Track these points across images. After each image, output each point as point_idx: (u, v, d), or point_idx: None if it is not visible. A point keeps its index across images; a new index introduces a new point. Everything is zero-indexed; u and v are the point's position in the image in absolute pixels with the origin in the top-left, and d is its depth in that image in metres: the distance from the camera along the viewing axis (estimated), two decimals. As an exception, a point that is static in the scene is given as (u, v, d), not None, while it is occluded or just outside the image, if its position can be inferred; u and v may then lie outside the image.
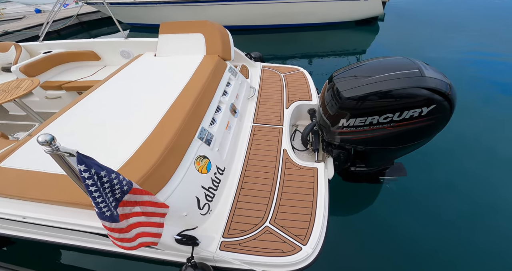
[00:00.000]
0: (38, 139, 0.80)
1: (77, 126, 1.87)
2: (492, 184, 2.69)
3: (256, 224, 1.64)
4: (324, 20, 7.90)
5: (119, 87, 2.38)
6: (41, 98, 3.49)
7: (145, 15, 8.55)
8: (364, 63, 1.72)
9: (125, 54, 3.74)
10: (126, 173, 1.33)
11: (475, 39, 6.48)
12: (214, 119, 2.14)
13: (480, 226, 2.33)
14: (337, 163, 2.07)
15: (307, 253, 1.49)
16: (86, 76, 3.56)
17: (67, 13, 9.07)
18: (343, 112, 1.63)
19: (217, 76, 2.54)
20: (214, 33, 2.89)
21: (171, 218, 1.49)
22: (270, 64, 3.53)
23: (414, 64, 1.54)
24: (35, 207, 1.51)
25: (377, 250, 2.20)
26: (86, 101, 2.16)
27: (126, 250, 1.20)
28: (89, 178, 0.94)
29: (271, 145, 2.21)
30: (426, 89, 1.44)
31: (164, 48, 3.02)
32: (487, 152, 3.07)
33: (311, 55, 6.38)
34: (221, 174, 1.89)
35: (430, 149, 2.61)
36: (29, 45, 3.91)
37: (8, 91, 2.57)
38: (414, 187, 2.67)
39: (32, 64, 3.39)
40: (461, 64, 5.26)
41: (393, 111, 1.52)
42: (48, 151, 0.83)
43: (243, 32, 7.85)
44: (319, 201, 1.75)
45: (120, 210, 1.14)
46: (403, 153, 1.93)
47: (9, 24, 9.96)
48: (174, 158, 1.63)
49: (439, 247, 2.20)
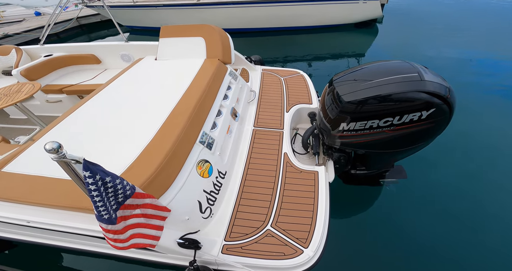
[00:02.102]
0: (46, 147, 0.81)
1: (79, 131, 1.87)
2: (492, 185, 2.71)
3: (257, 228, 1.65)
4: (323, 22, 7.94)
5: (121, 91, 2.39)
6: (42, 102, 3.50)
7: (144, 18, 8.59)
8: (363, 67, 1.73)
9: (126, 58, 3.75)
10: (128, 178, 1.34)
11: (473, 40, 6.53)
12: (215, 123, 2.14)
13: (481, 227, 2.34)
14: (338, 166, 2.08)
15: (309, 256, 1.49)
16: (86, 80, 3.56)
17: (67, 16, 9.09)
18: (344, 116, 1.64)
19: (218, 80, 2.55)
20: (214, 36, 2.90)
21: (173, 222, 1.50)
22: (270, 68, 3.54)
23: (413, 67, 1.56)
24: (39, 211, 1.51)
25: (378, 253, 2.21)
26: (88, 105, 2.17)
27: (118, 249, 1.21)
28: (93, 184, 0.95)
29: (272, 148, 2.22)
30: (426, 92, 1.46)
31: (165, 51, 3.03)
32: (487, 153, 3.09)
33: (311, 58, 6.41)
34: (222, 178, 1.90)
35: (430, 151, 2.62)
36: (30, 48, 3.92)
37: (10, 95, 2.57)
38: (415, 189, 2.68)
39: (33, 67, 3.40)
40: (460, 65, 5.30)
41: (393, 115, 1.54)
42: (55, 159, 0.84)
43: (242, 35, 7.88)
44: (320, 204, 1.75)
45: (120, 212, 1.15)
46: (403, 156, 1.94)
47: (8, 27, 10.00)
48: (176, 163, 1.64)
49: (440, 249, 2.20)
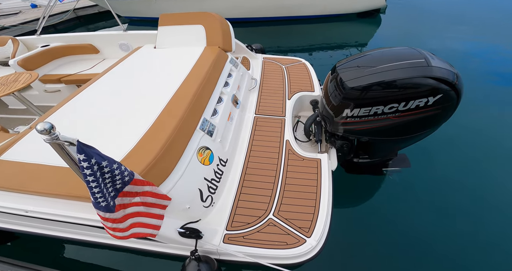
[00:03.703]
0: (37, 128, 0.77)
1: (77, 119, 1.84)
2: (497, 179, 2.65)
3: (259, 217, 1.63)
4: (326, 12, 7.77)
5: (119, 79, 2.34)
6: (40, 92, 3.45)
7: (143, 8, 8.42)
8: (367, 54, 1.69)
9: (124, 47, 3.69)
10: (128, 165, 1.31)
11: (479, 30, 6.38)
12: (216, 110, 2.11)
13: (483, 220, 2.31)
14: (340, 154, 2.05)
15: (311, 245, 1.48)
16: (85, 69, 3.51)
17: (64, 8, 8.92)
18: (347, 102, 1.60)
19: (218, 67, 2.50)
20: (214, 24, 2.84)
21: (174, 211, 1.48)
22: (271, 56, 3.48)
23: (420, 54, 1.52)
24: (37, 200, 1.49)
25: (380, 242, 2.20)
26: (85, 93, 2.13)
27: (117, 239, 1.18)
28: (88, 167, 0.91)
29: (274, 136, 2.18)
30: (433, 78, 1.42)
31: (164, 40, 2.97)
32: (492, 146, 3.03)
33: (313, 48, 6.28)
34: (223, 166, 1.87)
35: (435, 140, 2.58)
36: (26, 39, 3.85)
37: (7, 84, 2.53)
38: (418, 179, 2.65)
39: (30, 57, 3.34)
40: (465, 56, 5.19)
41: (399, 101, 1.50)
42: (48, 140, 0.80)
43: (243, 24, 7.74)
44: (323, 193, 1.73)
45: (119, 200, 1.12)
46: (408, 143, 1.91)
47: (5, 19, 9.83)
48: (176, 149, 1.61)
49: (441, 240, 2.19)
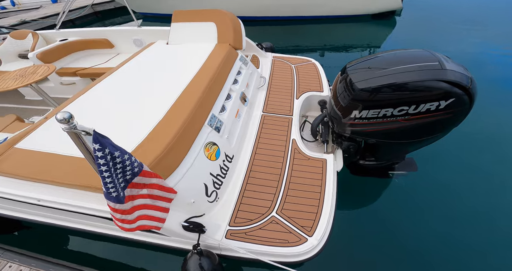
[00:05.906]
0: (57, 117, 0.80)
1: (90, 111, 1.90)
2: (507, 185, 2.57)
3: (262, 214, 1.64)
4: (340, 12, 7.69)
5: (132, 73, 2.40)
6: (56, 84, 3.57)
7: (157, 4, 8.58)
8: (379, 55, 1.67)
9: (138, 42, 3.76)
10: (137, 157, 1.34)
11: (498, 35, 6.16)
12: (224, 107, 2.13)
13: (492, 228, 2.25)
14: (347, 155, 2.04)
15: (313, 244, 1.48)
16: (99, 63, 3.61)
17: (82, 3, 9.17)
18: (356, 103, 1.59)
19: (228, 64, 2.52)
20: (226, 22, 2.87)
21: (179, 205, 1.51)
22: (281, 55, 3.48)
23: (434, 56, 1.49)
24: (49, 189, 1.52)
25: (382, 245, 2.17)
26: (99, 86, 2.19)
27: (125, 231, 1.21)
28: (102, 157, 0.94)
29: (280, 134, 2.19)
30: (446, 82, 1.39)
31: (176, 36, 3.01)
32: (503, 151, 2.94)
33: (324, 48, 6.22)
34: (229, 162, 1.89)
35: (443, 144, 2.52)
36: (45, 33, 3.99)
37: (25, 76, 2.63)
38: (424, 183, 2.59)
39: (48, 51, 3.46)
40: (483, 61, 5.02)
41: (409, 104, 1.48)
42: (66, 129, 0.83)
43: (254, 23, 7.74)
44: (327, 193, 1.73)
45: (128, 191, 1.15)
46: (416, 147, 1.87)
47: (26, 14, 10.18)
48: (184, 144, 1.64)
49: (444, 245, 2.14)
